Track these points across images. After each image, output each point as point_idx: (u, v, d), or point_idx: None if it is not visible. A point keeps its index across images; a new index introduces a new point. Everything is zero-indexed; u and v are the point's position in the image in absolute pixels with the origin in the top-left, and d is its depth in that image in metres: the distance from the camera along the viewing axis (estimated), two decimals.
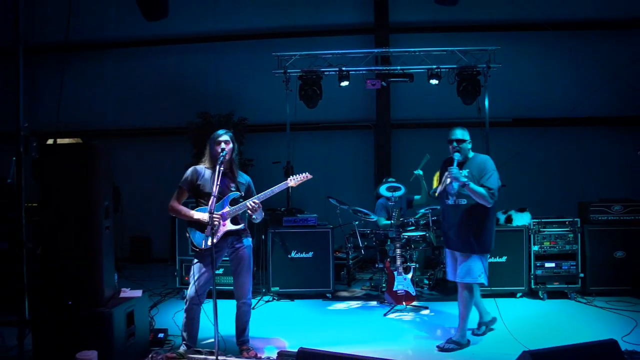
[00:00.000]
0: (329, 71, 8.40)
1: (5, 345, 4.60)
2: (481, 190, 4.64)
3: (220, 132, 4.64)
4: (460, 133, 4.88)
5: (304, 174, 4.71)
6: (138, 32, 10.02)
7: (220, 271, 6.70)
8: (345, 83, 8.32)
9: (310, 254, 6.89)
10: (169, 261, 8.70)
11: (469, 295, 4.88)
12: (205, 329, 4.86)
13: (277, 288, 6.83)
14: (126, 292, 4.63)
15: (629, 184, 8.20)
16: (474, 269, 4.79)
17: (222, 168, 4.40)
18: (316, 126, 9.76)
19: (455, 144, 4.85)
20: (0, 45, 6.69)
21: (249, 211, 4.53)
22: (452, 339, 4.95)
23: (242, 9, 10.08)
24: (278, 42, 9.76)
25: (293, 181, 4.69)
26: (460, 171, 4.68)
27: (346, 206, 7.54)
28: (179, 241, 6.94)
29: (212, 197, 4.22)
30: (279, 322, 5.96)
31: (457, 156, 4.79)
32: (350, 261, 7.78)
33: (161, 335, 5.07)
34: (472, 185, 4.65)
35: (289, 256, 6.88)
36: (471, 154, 4.95)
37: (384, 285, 7.01)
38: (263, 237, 7.01)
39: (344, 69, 8.27)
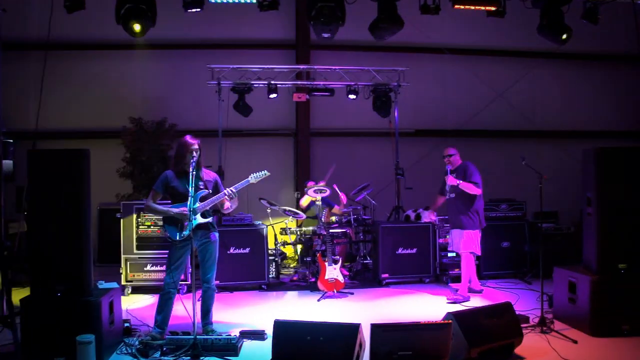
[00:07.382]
0: (259, 84, 9.14)
1: None
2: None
3: (193, 141, 5.28)
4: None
5: (263, 172, 5.43)
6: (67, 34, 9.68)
7: None
8: (273, 95, 9.10)
9: (247, 250, 7.57)
10: (96, 262, 8.93)
11: None
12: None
13: (217, 282, 7.45)
14: (103, 284, 5.16)
15: (511, 186, 9.70)
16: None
17: (193, 172, 5.06)
18: (242, 133, 10.33)
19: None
20: None
21: (226, 199, 5.22)
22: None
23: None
24: (205, 53, 10.13)
25: (254, 178, 5.39)
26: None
27: (276, 207, 8.37)
28: (123, 242, 7.40)
29: (189, 197, 4.91)
30: (224, 310, 6.48)
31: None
32: (279, 257, 8.60)
33: (127, 324, 5.53)
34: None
35: (227, 252, 7.52)
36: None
37: (310, 276, 7.92)
38: None
39: (272, 82, 9.06)
